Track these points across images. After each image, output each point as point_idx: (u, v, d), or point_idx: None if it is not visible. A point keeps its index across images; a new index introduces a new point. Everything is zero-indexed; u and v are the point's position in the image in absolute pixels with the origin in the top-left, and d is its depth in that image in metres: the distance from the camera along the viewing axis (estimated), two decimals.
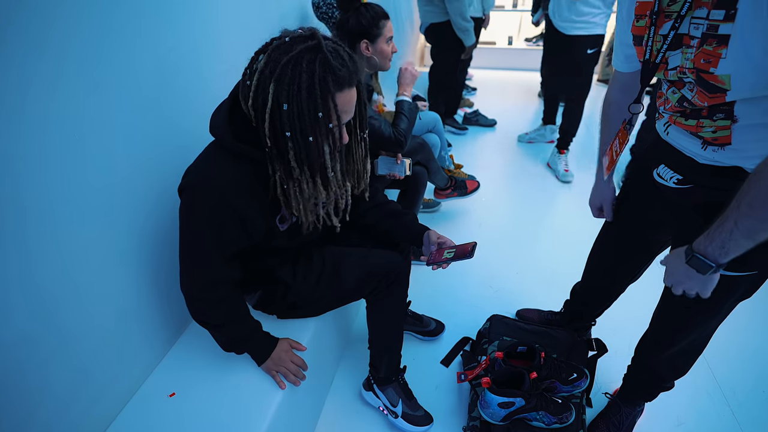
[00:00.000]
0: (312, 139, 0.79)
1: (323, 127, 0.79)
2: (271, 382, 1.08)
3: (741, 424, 1.35)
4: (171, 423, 1.00)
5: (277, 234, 1.00)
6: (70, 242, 0.84)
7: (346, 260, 1.17)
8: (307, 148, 0.81)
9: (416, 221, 1.22)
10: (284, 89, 0.75)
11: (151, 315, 1.10)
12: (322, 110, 0.77)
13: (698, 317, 0.98)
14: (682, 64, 0.75)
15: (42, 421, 0.83)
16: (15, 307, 0.75)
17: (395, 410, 1.31)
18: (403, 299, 1.27)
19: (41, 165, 0.77)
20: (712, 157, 0.81)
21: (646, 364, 1.19)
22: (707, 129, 0.78)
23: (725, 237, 0.70)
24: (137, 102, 0.97)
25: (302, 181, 0.86)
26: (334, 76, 0.77)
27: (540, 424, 1.20)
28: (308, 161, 0.83)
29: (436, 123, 2.14)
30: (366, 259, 1.18)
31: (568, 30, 2.39)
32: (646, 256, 1.17)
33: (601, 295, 1.39)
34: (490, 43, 5.04)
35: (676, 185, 0.89)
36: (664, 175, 0.92)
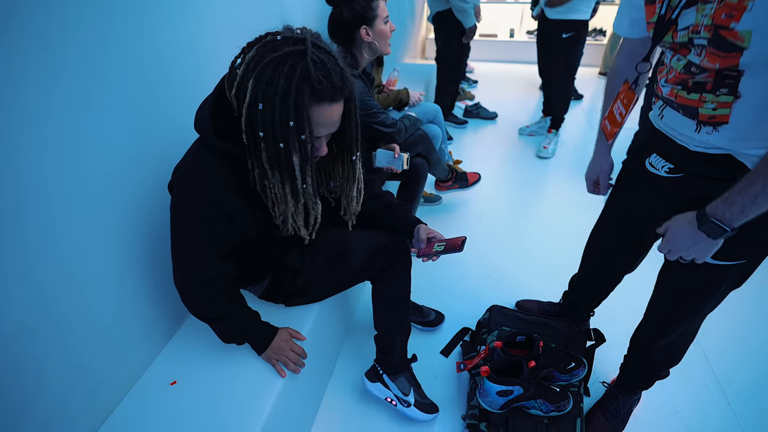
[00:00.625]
0: (282, 146, 0.78)
1: (293, 137, 0.77)
2: (271, 371, 1.10)
3: (737, 414, 1.37)
4: (171, 412, 1.01)
5: (271, 227, 0.99)
6: (68, 234, 0.85)
7: (351, 241, 1.18)
8: (277, 154, 0.79)
9: (410, 213, 1.23)
10: (261, 88, 0.74)
11: (150, 307, 1.11)
12: (294, 119, 0.75)
13: (690, 306, 1.00)
14: (697, 22, 0.71)
15: (40, 411, 0.84)
16: (13, 299, 0.76)
17: (407, 399, 1.31)
18: (408, 276, 1.26)
19: (41, 156, 0.78)
20: (705, 141, 0.80)
21: (640, 353, 1.21)
22: (708, 105, 0.77)
23: (748, 201, 0.70)
24: (137, 95, 0.98)
25: (274, 185, 0.85)
26: (311, 87, 0.75)
27: (538, 412, 1.22)
28: (278, 167, 0.81)
29: (437, 114, 2.14)
30: (370, 239, 1.19)
31: (549, 14, 2.55)
32: (640, 247, 1.18)
33: (598, 286, 1.40)
34: (492, 35, 5.01)
35: (667, 174, 0.90)
36: (656, 164, 0.92)
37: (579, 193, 2.47)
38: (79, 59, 0.82)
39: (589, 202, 1.33)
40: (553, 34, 2.58)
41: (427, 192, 2.38)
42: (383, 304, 1.27)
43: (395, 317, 1.28)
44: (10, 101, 0.71)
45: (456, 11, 2.52)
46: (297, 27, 0.82)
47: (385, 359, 1.32)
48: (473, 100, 3.64)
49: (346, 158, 0.97)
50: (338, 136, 0.93)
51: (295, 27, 0.82)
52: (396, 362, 1.31)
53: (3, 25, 0.68)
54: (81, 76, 0.83)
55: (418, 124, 1.81)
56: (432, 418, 1.33)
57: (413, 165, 1.79)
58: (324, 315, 1.34)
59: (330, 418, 1.38)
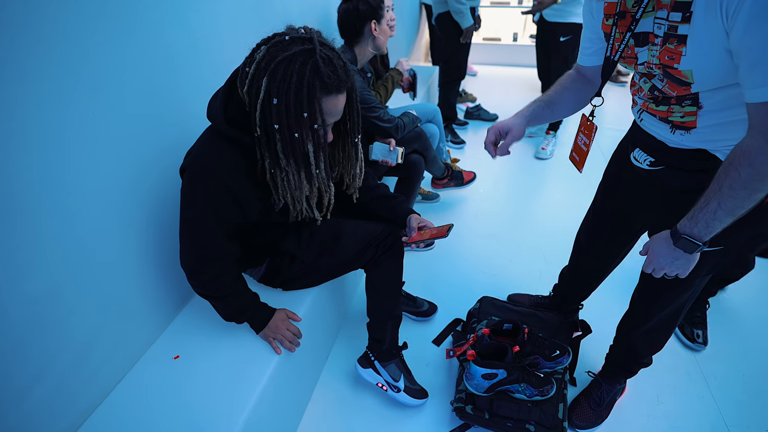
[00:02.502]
0: (297, 135, 0.86)
1: (308, 127, 0.86)
2: (268, 349, 1.16)
3: (719, 405, 1.40)
4: (176, 382, 1.08)
5: (272, 213, 1.07)
6: (85, 212, 0.93)
7: (345, 229, 1.25)
8: (292, 143, 0.87)
9: (403, 204, 1.29)
10: (275, 85, 0.82)
11: (158, 285, 1.19)
12: (308, 111, 0.83)
13: (669, 292, 1.05)
14: (649, 60, 0.81)
15: (57, 373, 0.91)
16: (39, 267, 0.84)
17: (397, 385, 1.37)
18: (400, 266, 1.32)
19: (60, 141, 0.85)
20: (679, 141, 0.88)
21: (624, 340, 1.26)
22: (676, 114, 0.85)
23: (709, 217, 0.76)
24: (150, 86, 1.05)
25: (289, 172, 0.93)
26: (321, 82, 0.83)
27: (522, 396, 1.27)
28: (293, 155, 0.89)
29: (436, 114, 2.20)
30: (364, 228, 1.26)
31: (549, 16, 2.61)
32: (627, 237, 1.23)
33: (587, 277, 1.45)
34: (496, 39, 5.07)
35: (649, 167, 0.97)
36: (639, 158, 0.99)
37: (574, 193, 2.55)
38: (98, 50, 0.90)
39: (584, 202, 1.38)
40: (551, 37, 2.65)
41: (425, 190, 2.44)
42: (375, 291, 1.33)
43: (387, 305, 1.33)
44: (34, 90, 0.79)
45: (453, 12, 2.59)
46: (298, 26, 0.89)
47: (377, 346, 1.37)
48: (475, 102, 3.70)
49: (349, 141, 1.05)
50: (341, 122, 1.01)
51: (297, 26, 0.90)
52: (387, 349, 1.36)
53: (23, 17, 0.75)
54: (99, 67, 0.91)
55: (417, 122, 1.87)
56: (421, 403, 1.39)
57: (410, 161, 1.85)
58: (320, 300, 1.40)
59: (324, 400, 1.44)
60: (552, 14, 2.60)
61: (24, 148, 0.78)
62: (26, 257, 0.81)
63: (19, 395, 0.84)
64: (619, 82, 4.16)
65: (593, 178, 1.29)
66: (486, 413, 1.26)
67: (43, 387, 0.89)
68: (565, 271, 1.54)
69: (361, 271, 1.36)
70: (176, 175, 1.04)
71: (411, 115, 1.85)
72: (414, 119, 1.86)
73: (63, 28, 0.82)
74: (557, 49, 2.69)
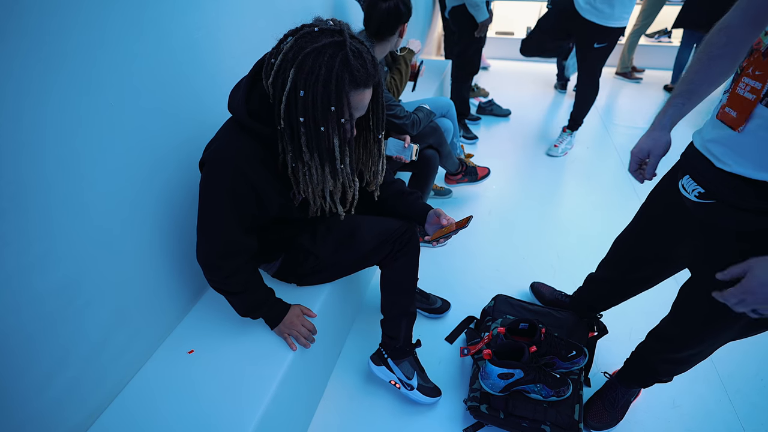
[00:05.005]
0: (323, 129, 0.84)
1: (334, 121, 0.83)
2: (282, 345, 1.16)
3: (737, 410, 1.38)
4: (190, 377, 1.08)
5: (292, 208, 1.06)
6: (103, 204, 0.92)
7: (361, 225, 1.23)
8: (318, 137, 0.85)
9: (420, 200, 1.27)
10: (303, 77, 0.79)
11: (172, 279, 1.18)
12: (335, 105, 0.81)
13: (707, 331, 0.97)
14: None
15: (72, 368, 0.91)
16: (61, 258, 0.84)
17: (410, 383, 1.36)
18: (416, 263, 1.30)
19: (76, 131, 0.84)
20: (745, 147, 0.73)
21: (646, 360, 1.20)
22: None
23: None
24: (167, 77, 1.04)
25: (312, 167, 0.90)
26: (351, 75, 0.80)
27: (538, 396, 1.25)
28: (318, 149, 0.87)
29: (450, 108, 2.17)
30: (380, 225, 1.24)
31: (586, 12, 2.25)
32: (666, 268, 1.15)
33: (615, 292, 1.39)
34: (509, 33, 5.00)
35: (697, 199, 0.84)
36: (687, 187, 0.87)
37: (589, 192, 2.52)
38: (114, 40, 0.88)
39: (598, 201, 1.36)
40: (583, 39, 2.39)
41: (438, 185, 2.42)
42: (391, 289, 1.31)
43: (401, 302, 1.32)
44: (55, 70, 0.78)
45: (469, 6, 2.54)
46: (327, 18, 0.87)
47: (390, 343, 1.36)
48: (487, 97, 3.66)
49: (372, 137, 1.02)
50: (365, 117, 0.99)
51: (325, 18, 0.87)
52: (401, 346, 1.35)
53: (39, 7, 0.74)
54: (115, 58, 0.89)
55: (432, 117, 1.85)
56: (434, 401, 1.38)
57: (425, 156, 1.83)
58: (334, 296, 1.40)
59: (336, 396, 1.44)
60: (590, 10, 2.23)
61: (38, 141, 0.77)
62: (42, 250, 0.81)
63: (34, 390, 0.84)
64: (634, 79, 4.09)
65: (605, 177, 1.27)
66: (501, 413, 1.25)
67: (58, 382, 0.88)
68: (592, 279, 1.48)
69: (374, 267, 1.35)
70: (192, 168, 1.03)
71: (425, 110, 1.83)
72: (428, 114, 1.83)
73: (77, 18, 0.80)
74: (586, 55, 2.45)
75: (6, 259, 0.75)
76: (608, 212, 2.28)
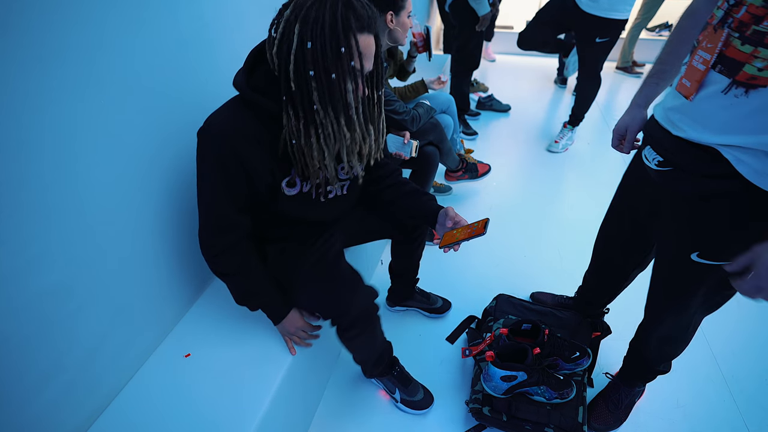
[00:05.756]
0: (335, 76, 0.82)
1: (345, 64, 0.82)
2: (281, 348, 1.13)
3: (740, 409, 1.37)
4: (186, 382, 1.05)
5: (282, 198, 1.00)
6: (99, 203, 0.89)
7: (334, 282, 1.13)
8: (330, 86, 0.82)
9: (434, 201, 1.21)
10: (308, 28, 0.78)
11: (172, 279, 1.16)
12: (345, 46, 0.80)
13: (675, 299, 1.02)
14: None
15: (67, 372, 0.89)
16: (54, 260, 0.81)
17: (395, 396, 1.36)
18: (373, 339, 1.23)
19: (75, 127, 0.81)
20: (728, 103, 0.75)
21: (638, 345, 1.23)
22: (758, 61, 0.71)
23: None
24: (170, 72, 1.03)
25: (326, 125, 0.87)
26: (355, 14, 0.80)
27: (541, 398, 1.23)
28: (331, 101, 0.84)
29: (450, 104, 2.14)
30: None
31: (587, 6, 2.23)
32: (646, 244, 1.16)
33: (607, 282, 1.39)
34: (508, 27, 4.95)
35: (657, 167, 0.89)
36: (648, 156, 0.92)
37: (589, 188, 2.49)
38: (112, 38, 0.86)
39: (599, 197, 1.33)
40: (584, 33, 2.36)
41: (437, 182, 2.39)
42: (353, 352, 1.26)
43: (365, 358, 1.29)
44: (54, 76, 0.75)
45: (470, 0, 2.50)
46: None
47: (363, 369, 1.36)
48: (487, 92, 3.62)
49: (376, 95, 0.98)
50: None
51: None
52: (370, 370, 1.34)
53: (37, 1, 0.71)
54: (112, 54, 0.87)
55: (432, 113, 1.82)
56: (423, 413, 1.35)
57: (425, 153, 1.80)
58: None
59: (335, 399, 1.42)
60: (589, 3, 2.22)
61: (35, 140, 0.75)
62: (37, 252, 0.78)
63: (30, 393, 0.82)
64: (634, 73, 4.06)
65: (607, 172, 1.25)
66: (504, 415, 1.23)
67: (53, 386, 0.86)
68: (587, 275, 1.49)
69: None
70: (192, 170, 0.99)
71: (425, 106, 1.80)
72: (429, 110, 1.80)
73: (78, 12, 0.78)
74: (587, 50, 2.42)
75: (0, 260, 0.72)
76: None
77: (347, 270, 1.16)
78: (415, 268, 1.54)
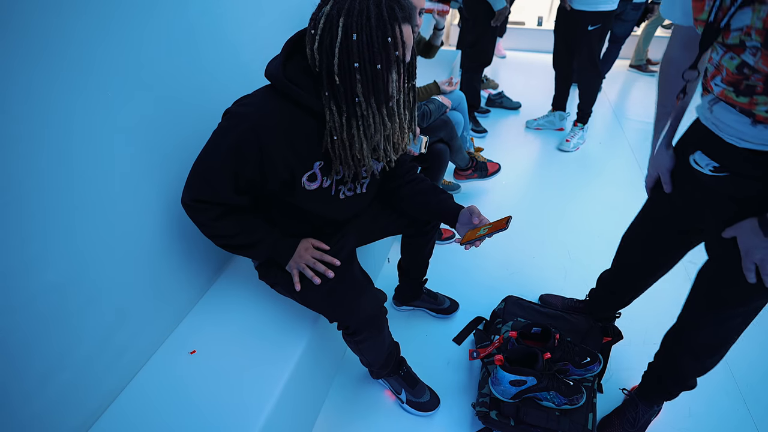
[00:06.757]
0: (380, 66, 0.82)
1: (391, 54, 0.82)
2: (287, 345, 1.11)
3: (755, 419, 1.34)
4: (191, 378, 1.04)
5: (299, 191, 0.97)
6: (102, 202, 0.88)
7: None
8: (375, 77, 0.82)
9: (451, 199, 1.18)
10: (354, 20, 0.79)
11: (175, 276, 1.14)
12: (391, 36, 0.80)
13: (730, 303, 0.96)
14: (751, 24, 0.68)
15: (70, 369, 0.88)
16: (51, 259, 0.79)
17: (400, 396, 1.34)
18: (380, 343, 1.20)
19: (75, 124, 0.79)
20: (761, 137, 0.77)
21: (671, 357, 1.15)
22: (761, 106, 0.74)
23: None
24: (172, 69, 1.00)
25: (368, 116, 0.87)
26: (399, 4, 0.81)
27: (550, 404, 1.21)
28: (375, 92, 0.84)
29: (461, 101, 2.10)
30: None
31: (576, 3, 2.44)
32: (681, 246, 1.13)
33: (632, 284, 1.34)
34: (520, 23, 4.87)
35: (711, 173, 0.87)
36: (700, 162, 0.90)
37: (601, 188, 2.45)
38: (117, 30, 0.83)
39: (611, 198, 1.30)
40: (578, 27, 2.50)
41: (446, 180, 2.35)
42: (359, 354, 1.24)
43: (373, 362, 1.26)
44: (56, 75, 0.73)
45: None
46: None
47: (369, 369, 1.34)
48: (497, 89, 3.57)
49: (408, 85, 0.96)
50: None
51: None
52: (377, 372, 1.32)
53: None
54: (117, 46, 0.85)
55: (443, 110, 1.78)
56: (429, 414, 1.33)
57: (435, 151, 1.77)
58: None
59: (340, 399, 1.40)
60: (579, 1, 2.44)
61: (34, 136, 0.73)
62: (37, 250, 0.77)
63: (32, 391, 0.80)
64: (648, 72, 3.98)
65: (619, 173, 1.21)
66: (511, 420, 1.21)
67: (54, 386, 0.84)
68: (605, 276, 1.44)
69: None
70: None
71: (437, 102, 1.76)
72: (440, 106, 1.77)
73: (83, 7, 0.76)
74: (582, 40, 2.53)
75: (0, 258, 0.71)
76: (621, 210, 2.19)
77: (358, 272, 1.13)
78: (424, 266, 1.51)
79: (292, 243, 1.07)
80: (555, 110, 3.07)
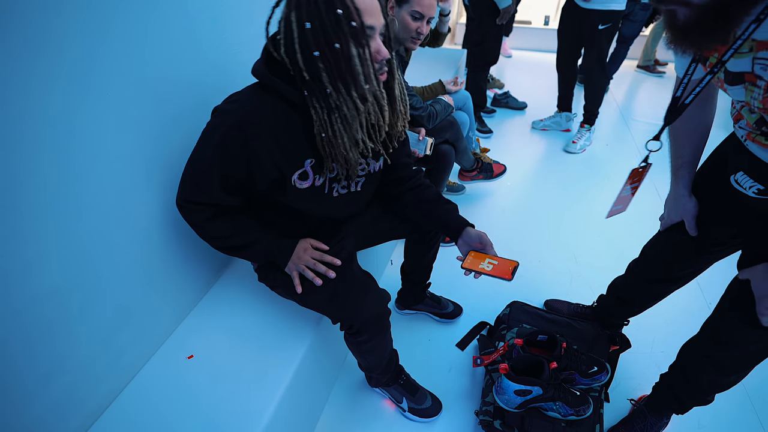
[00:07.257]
0: (338, 45, 0.78)
1: (345, 27, 0.77)
2: (289, 349, 1.09)
3: (766, 429, 1.30)
4: (190, 381, 1.02)
5: (290, 190, 0.94)
6: (100, 204, 0.86)
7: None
8: (335, 59, 0.79)
9: (456, 211, 1.15)
10: (303, 10, 0.77)
11: (174, 278, 1.12)
12: (340, 7, 0.76)
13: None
14: (748, 101, 0.70)
15: (69, 372, 0.86)
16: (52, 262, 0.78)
17: (401, 405, 1.32)
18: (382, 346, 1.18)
19: (74, 124, 0.78)
20: None
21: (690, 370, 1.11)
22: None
23: None
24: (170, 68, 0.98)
25: (341, 105, 0.83)
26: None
27: (556, 414, 1.18)
28: (339, 76, 0.80)
29: (467, 101, 2.06)
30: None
31: (585, 3, 2.38)
32: (707, 258, 1.10)
33: (648, 295, 1.30)
34: (526, 22, 4.82)
35: (756, 195, 0.84)
36: (743, 183, 0.87)
37: (608, 191, 2.40)
38: (119, 25, 0.81)
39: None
40: (587, 27, 2.44)
41: (450, 181, 2.32)
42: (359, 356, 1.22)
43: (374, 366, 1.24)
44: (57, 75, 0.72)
45: None
46: None
47: (368, 378, 1.33)
48: (503, 89, 3.53)
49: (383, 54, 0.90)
50: None
51: None
52: (377, 378, 1.30)
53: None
54: (118, 43, 0.83)
55: (449, 110, 1.75)
56: (429, 421, 1.31)
57: (440, 152, 1.73)
58: None
59: (340, 405, 1.37)
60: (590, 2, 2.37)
61: (34, 136, 0.71)
62: (35, 252, 0.75)
63: (31, 394, 0.79)
64: (656, 72, 3.93)
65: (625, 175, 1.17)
66: (516, 430, 1.18)
67: (55, 387, 0.83)
68: (618, 283, 1.39)
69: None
70: None
71: (443, 102, 1.73)
72: (446, 107, 1.73)
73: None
74: (592, 40, 2.48)
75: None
76: (628, 214, 2.16)
77: (358, 271, 1.10)
78: (428, 270, 1.48)
79: (290, 244, 1.04)
80: (561, 111, 3.03)
